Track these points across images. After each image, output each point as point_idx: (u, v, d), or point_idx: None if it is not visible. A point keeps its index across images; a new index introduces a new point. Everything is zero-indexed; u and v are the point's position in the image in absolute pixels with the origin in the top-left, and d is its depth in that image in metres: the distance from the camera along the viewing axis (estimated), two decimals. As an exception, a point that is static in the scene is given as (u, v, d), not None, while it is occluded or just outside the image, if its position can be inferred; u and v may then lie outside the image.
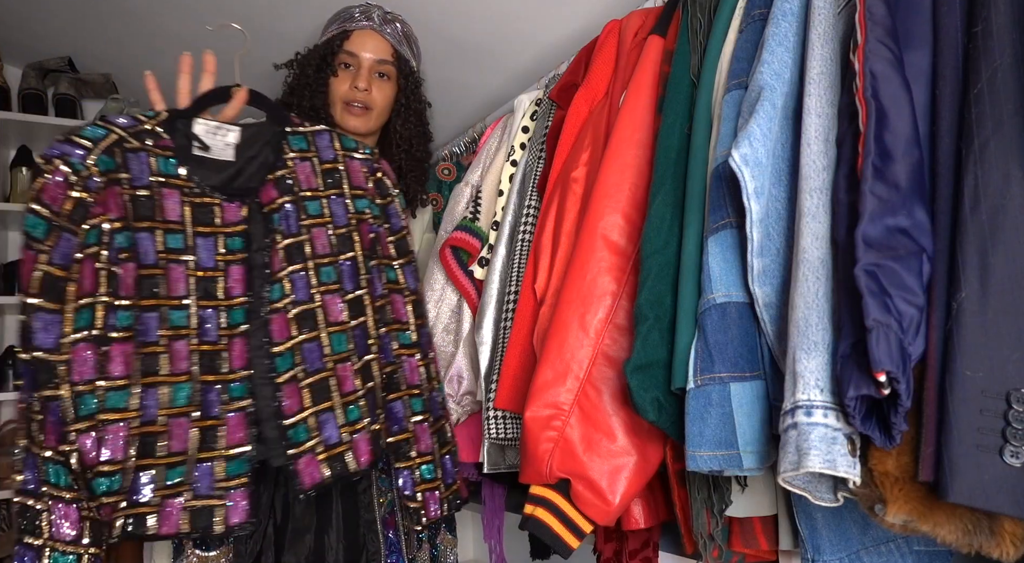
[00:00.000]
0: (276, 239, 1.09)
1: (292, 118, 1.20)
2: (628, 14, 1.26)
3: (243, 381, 1.03)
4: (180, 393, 1.00)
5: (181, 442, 0.99)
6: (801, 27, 0.87)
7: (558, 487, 0.99)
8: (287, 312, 1.06)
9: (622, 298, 0.99)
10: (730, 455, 0.81)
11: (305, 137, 1.19)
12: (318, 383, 1.06)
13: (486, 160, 1.49)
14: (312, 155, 1.18)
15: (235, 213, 1.09)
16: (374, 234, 1.19)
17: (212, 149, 1.11)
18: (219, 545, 1.16)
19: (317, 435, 1.04)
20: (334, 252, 1.12)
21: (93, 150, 1.00)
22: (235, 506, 1.00)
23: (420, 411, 1.18)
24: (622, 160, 1.04)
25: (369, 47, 1.41)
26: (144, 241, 1.01)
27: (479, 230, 1.39)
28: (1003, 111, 0.67)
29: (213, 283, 1.05)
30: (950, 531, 0.67)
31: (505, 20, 1.65)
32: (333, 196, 1.16)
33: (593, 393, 0.97)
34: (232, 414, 1.02)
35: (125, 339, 0.97)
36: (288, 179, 1.14)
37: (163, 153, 1.07)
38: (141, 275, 1.00)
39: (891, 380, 0.64)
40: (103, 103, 2.56)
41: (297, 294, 1.08)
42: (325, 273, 1.11)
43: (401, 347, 1.18)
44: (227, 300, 1.05)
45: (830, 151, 0.77)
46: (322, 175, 1.17)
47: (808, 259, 0.74)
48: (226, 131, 1.14)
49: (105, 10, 2.13)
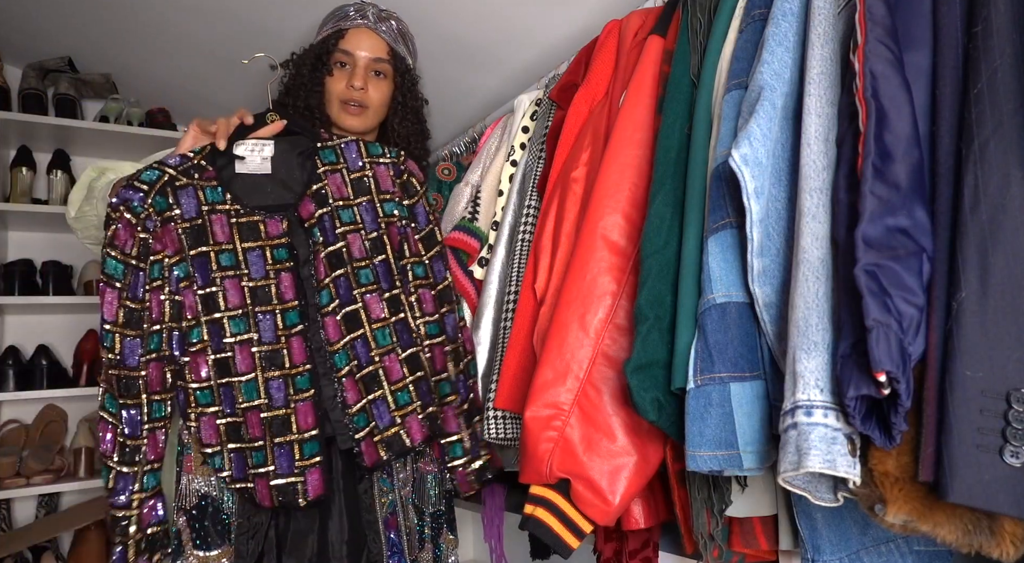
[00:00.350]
0: (318, 250, 1.21)
1: (322, 133, 1.30)
2: (628, 14, 1.26)
3: (306, 374, 1.16)
4: (248, 389, 1.15)
5: (257, 430, 1.15)
6: (801, 27, 0.87)
7: (558, 487, 0.99)
8: (336, 314, 1.19)
9: (622, 298, 0.99)
10: (730, 455, 0.81)
11: (334, 150, 1.29)
12: (369, 375, 1.19)
13: (486, 160, 1.49)
14: (342, 166, 1.28)
15: (277, 227, 1.21)
16: (402, 235, 1.28)
17: (250, 163, 1.25)
18: (220, 545, 1.16)
19: (373, 421, 1.18)
20: (369, 255, 1.24)
21: (149, 193, 1.17)
22: (311, 483, 1.14)
23: (447, 394, 1.27)
24: (622, 160, 1.04)
25: (365, 45, 1.41)
26: (201, 266, 1.17)
27: (477, 230, 1.39)
28: (1003, 111, 0.67)
29: (267, 290, 1.18)
30: (950, 531, 0.67)
31: (505, 20, 1.65)
32: (364, 203, 1.27)
33: (593, 393, 0.97)
34: (301, 403, 1.16)
35: (200, 351, 1.15)
36: (323, 191, 1.25)
37: (209, 183, 1.21)
38: (200, 295, 1.16)
39: (891, 380, 0.64)
40: (103, 103, 2.56)
41: (342, 297, 1.20)
42: (364, 275, 1.22)
43: (428, 336, 1.27)
44: (281, 304, 1.18)
45: (830, 151, 0.77)
46: (352, 184, 1.27)
47: (808, 259, 0.74)
48: (262, 146, 1.26)
49: (105, 10, 2.13)
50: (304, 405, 1.15)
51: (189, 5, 1.97)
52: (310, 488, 1.13)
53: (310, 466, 1.14)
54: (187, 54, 2.25)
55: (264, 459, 1.13)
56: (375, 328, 1.21)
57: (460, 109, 2.03)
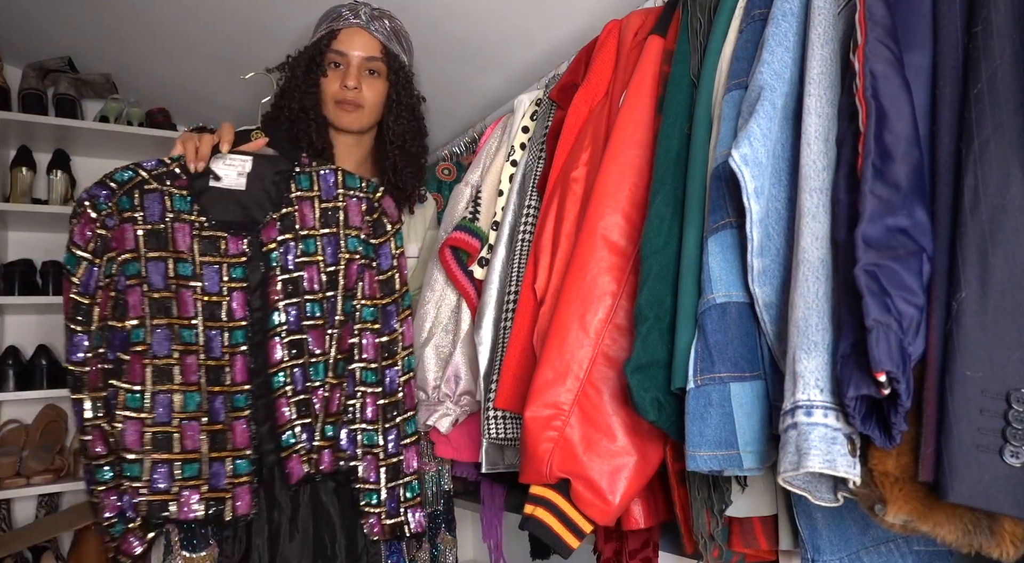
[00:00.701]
0: (274, 275, 1.21)
1: (302, 158, 1.29)
2: (628, 14, 1.26)
3: (245, 394, 1.17)
4: (191, 401, 1.15)
5: (194, 442, 1.14)
6: (801, 27, 0.87)
7: (558, 487, 0.99)
8: (282, 338, 1.20)
9: (622, 298, 0.99)
10: (730, 455, 0.81)
11: (310, 176, 1.28)
12: (302, 401, 1.19)
13: (486, 160, 1.49)
14: (315, 194, 1.27)
15: (237, 246, 1.21)
16: (360, 274, 1.27)
17: (225, 179, 1.24)
18: (205, 546, 1.17)
19: (301, 442, 1.19)
20: (323, 289, 1.23)
21: (116, 192, 1.18)
22: (240, 500, 1.15)
23: (370, 445, 1.25)
24: (622, 160, 1.04)
25: (358, 45, 1.40)
26: (155, 269, 1.17)
27: (478, 230, 1.39)
28: (1003, 111, 0.67)
29: (218, 307, 1.18)
30: (950, 531, 0.67)
31: (505, 20, 1.65)
32: (328, 235, 1.26)
33: (593, 393, 0.97)
34: (237, 421, 1.17)
35: (140, 352, 1.14)
36: (291, 217, 1.25)
37: (179, 192, 1.21)
38: (153, 298, 1.16)
39: (891, 380, 0.64)
40: (103, 103, 2.55)
41: (291, 324, 1.21)
42: (313, 308, 1.22)
43: (363, 382, 1.26)
44: (230, 322, 1.18)
45: (830, 151, 0.77)
46: (321, 214, 1.26)
47: (808, 259, 0.74)
48: (241, 161, 1.26)
49: (105, 10, 2.13)
50: (240, 423, 1.16)
51: (189, 5, 1.97)
52: (238, 505, 1.14)
53: (241, 484, 1.15)
54: (187, 54, 2.25)
55: (198, 472, 1.13)
56: (314, 361, 1.20)
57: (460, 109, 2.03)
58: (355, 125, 1.42)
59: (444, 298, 1.42)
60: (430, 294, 1.41)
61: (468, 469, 1.47)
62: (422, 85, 1.57)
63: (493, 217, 1.39)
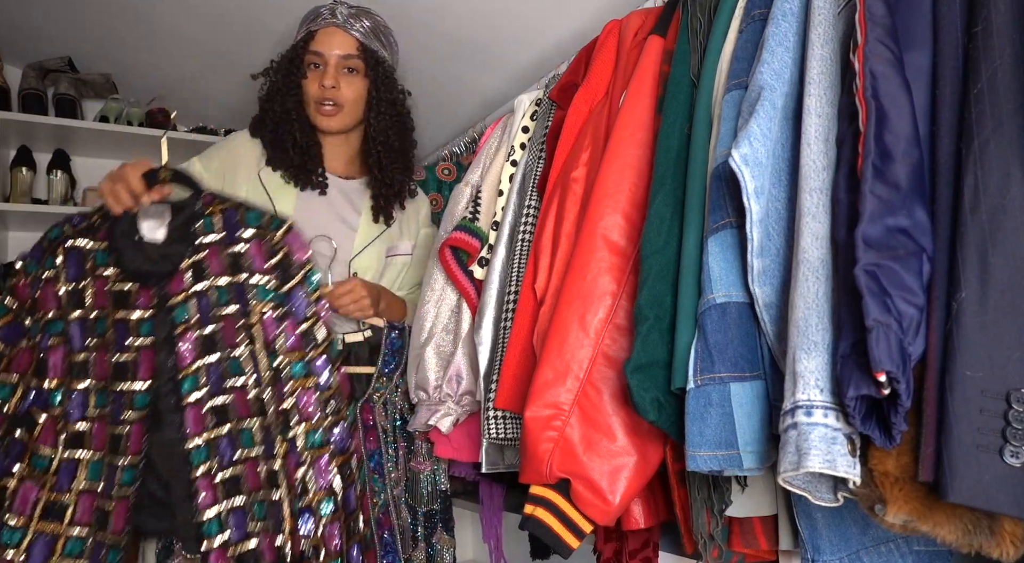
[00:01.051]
0: (187, 331, 1.10)
1: (205, 197, 1.19)
2: (628, 14, 1.26)
3: (132, 469, 1.06)
4: (93, 469, 1.07)
5: (87, 515, 1.06)
6: (801, 27, 0.87)
7: (558, 487, 0.99)
8: (202, 405, 1.08)
9: (622, 298, 0.99)
10: (730, 455, 0.81)
11: (212, 218, 1.17)
12: (231, 479, 1.06)
13: (486, 160, 1.49)
14: (221, 237, 1.16)
15: (147, 300, 1.13)
16: (277, 327, 1.13)
17: (145, 230, 1.17)
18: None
19: (229, 530, 1.05)
20: (239, 343, 1.11)
21: (45, 253, 1.15)
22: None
23: (330, 514, 1.09)
24: (622, 160, 1.04)
25: (335, 44, 1.40)
26: (77, 330, 1.12)
27: (478, 230, 1.39)
28: (1003, 111, 0.67)
29: (125, 366, 1.10)
30: (950, 531, 0.67)
31: (505, 20, 1.65)
32: (236, 285, 1.14)
33: (593, 393, 0.97)
34: (118, 501, 1.05)
35: (58, 416, 1.07)
36: (199, 266, 1.14)
37: (100, 246, 1.16)
38: (72, 361, 1.10)
39: (891, 380, 0.64)
40: (103, 103, 2.56)
41: (211, 387, 1.09)
42: (234, 366, 1.10)
43: (310, 446, 1.09)
44: (134, 382, 1.09)
45: (830, 151, 0.77)
46: (228, 259, 1.15)
47: (808, 259, 0.74)
48: (162, 211, 1.17)
49: (105, 10, 2.13)
50: (121, 504, 1.04)
51: (189, 5, 1.97)
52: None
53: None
54: (187, 54, 2.25)
55: (81, 551, 1.04)
56: (241, 428, 1.08)
57: (460, 109, 2.04)
58: (336, 126, 1.42)
59: (444, 298, 1.42)
60: (430, 294, 1.41)
61: (467, 469, 1.47)
62: (422, 85, 1.57)
63: (493, 217, 1.39)
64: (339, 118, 1.41)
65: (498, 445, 1.24)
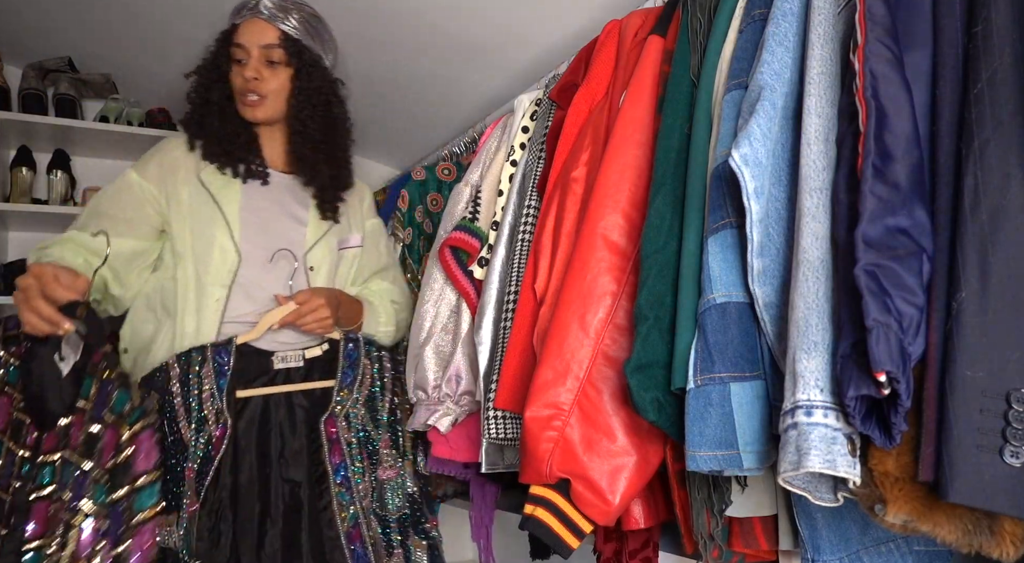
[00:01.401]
0: (48, 499, 1.01)
1: (95, 355, 1.11)
2: (628, 14, 1.26)
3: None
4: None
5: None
6: (801, 27, 0.87)
7: (558, 487, 0.99)
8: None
9: (622, 298, 0.99)
10: (730, 455, 0.81)
11: (92, 380, 1.09)
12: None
13: (486, 160, 1.49)
14: (90, 408, 1.07)
15: (32, 442, 1.05)
16: (94, 541, 1.02)
17: (65, 360, 1.08)
18: None
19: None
20: (54, 538, 1.01)
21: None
22: None
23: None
24: (622, 160, 1.04)
25: (255, 35, 1.40)
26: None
27: (478, 230, 1.39)
28: (1003, 111, 0.67)
29: (1, 505, 1.01)
30: (950, 531, 0.67)
31: (505, 20, 1.65)
32: (81, 469, 1.04)
33: (593, 393, 0.97)
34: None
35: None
36: (67, 430, 1.06)
37: (15, 361, 1.08)
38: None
39: (891, 380, 0.64)
40: (103, 103, 2.55)
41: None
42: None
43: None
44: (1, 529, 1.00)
45: (830, 151, 0.77)
46: (85, 437, 1.05)
47: (808, 259, 0.74)
48: (75, 345, 1.10)
49: (105, 10, 2.13)
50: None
51: (189, 5, 1.97)
52: None
53: None
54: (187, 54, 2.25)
55: None
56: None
57: (460, 109, 2.04)
58: (260, 116, 1.41)
59: (443, 297, 1.42)
60: (429, 293, 1.41)
61: (457, 468, 1.46)
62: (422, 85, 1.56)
63: (493, 217, 1.39)
64: (263, 109, 1.40)
65: (498, 445, 1.24)
